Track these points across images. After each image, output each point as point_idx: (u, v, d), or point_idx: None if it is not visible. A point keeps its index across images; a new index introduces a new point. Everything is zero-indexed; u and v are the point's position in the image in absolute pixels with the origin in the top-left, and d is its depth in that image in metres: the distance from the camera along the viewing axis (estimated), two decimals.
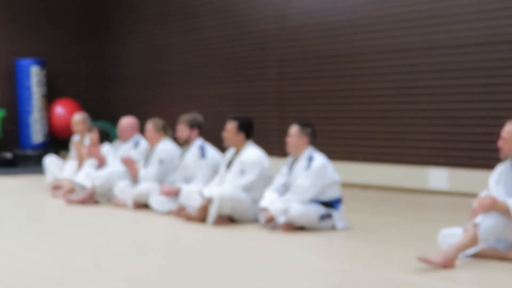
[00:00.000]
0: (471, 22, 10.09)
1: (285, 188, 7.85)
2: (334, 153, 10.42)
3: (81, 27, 16.88)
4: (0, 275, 5.91)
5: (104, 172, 10.00)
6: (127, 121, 10.40)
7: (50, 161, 11.40)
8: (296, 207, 7.50)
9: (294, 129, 7.85)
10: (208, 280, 5.67)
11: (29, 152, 15.48)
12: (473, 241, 5.88)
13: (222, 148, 9.01)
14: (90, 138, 10.77)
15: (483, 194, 6.19)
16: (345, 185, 8.39)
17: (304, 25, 12.28)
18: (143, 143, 10.10)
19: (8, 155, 15.67)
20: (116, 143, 10.48)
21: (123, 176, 9.91)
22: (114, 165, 10.10)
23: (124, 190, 9.68)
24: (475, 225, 5.88)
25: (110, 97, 16.87)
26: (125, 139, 10.34)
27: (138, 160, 9.92)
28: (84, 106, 15.59)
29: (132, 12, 16.17)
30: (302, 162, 7.76)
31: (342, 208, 7.77)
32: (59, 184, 11.07)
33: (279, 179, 7.95)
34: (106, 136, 10.76)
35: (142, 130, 10.05)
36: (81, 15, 16.89)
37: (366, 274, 5.74)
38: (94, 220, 8.95)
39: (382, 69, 11.15)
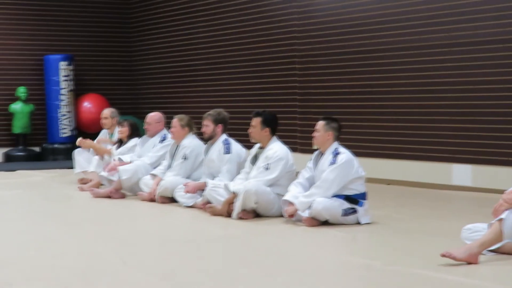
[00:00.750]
0: (495, 19, 10.09)
1: (310, 183, 7.89)
2: (358, 148, 10.45)
3: (109, 23, 17.00)
4: (27, 267, 6.02)
5: (130, 166, 10.11)
6: (153, 116, 10.51)
7: (79, 153, 11.51)
8: (320, 201, 7.55)
9: (320, 124, 7.91)
10: (231, 274, 5.74)
11: (57, 146, 15.62)
12: (498, 236, 5.85)
13: (247, 143, 9.08)
14: (118, 132, 10.91)
15: (510, 189, 6.14)
16: (369, 180, 8.42)
17: (328, 21, 12.32)
18: (170, 138, 10.20)
19: (36, 149, 15.84)
20: (144, 137, 10.58)
21: (149, 170, 10.02)
22: (141, 159, 10.22)
23: (149, 184, 9.78)
24: (500, 221, 5.88)
25: (137, 93, 16.99)
26: (152, 134, 10.43)
27: (161, 155, 10.07)
28: (111, 101, 15.71)
29: (159, 8, 16.26)
30: (327, 156, 7.81)
31: (367, 203, 7.81)
32: (86, 178, 11.20)
33: (304, 174, 7.99)
34: (137, 131, 10.89)
35: (168, 125, 10.14)
36: (109, 11, 17.01)
37: (389, 269, 5.76)
38: (120, 213, 9.04)
39: (406, 65, 11.16)
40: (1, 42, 15.86)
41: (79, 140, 11.45)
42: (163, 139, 10.32)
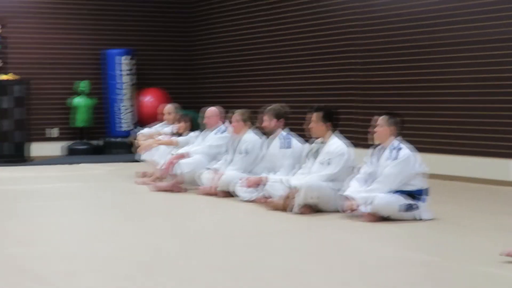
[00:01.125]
0: None
1: (370, 178, 7.88)
2: (418, 144, 10.37)
3: (170, 17, 17.12)
4: (90, 259, 6.12)
5: (191, 160, 10.19)
6: (211, 110, 10.59)
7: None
8: (381, 196, 7.54)
9: (381, 119, 7.90)
10: (290, 269, 5.76)
11: (118, 140, 15.80)
12: None
13: (307, 138, 9.08)
14: (178, 127, 11.00)
15: None
16: (430, 176, 8.37)
17: (389, 15, 12.24)
18: (228, 131, 10.28)
19: (98, 142, 16.04)
20: (204, 132, 10.66)
21: (210, 164, 10.09)
22: (198, 147, 10.37)
23: (209, 178, 9.84)
24: None
25: (198, 87, 17.09)
26: (211, 128, 10.51)
27: (219, 145, 10.19)
28: (172, 95, 15.83)
29: (221, 2, 16.33)
30: (388, 152, 7.79)
31: (428, 199, 7.77)
32: (147, 171, 11.30)
33: (365, 169, 7.98)
34: (197, 125, 11.00)
35: (228, 120, 10.20)
36: (169, 6, 17.13)
37: (449, 265, 5.74)
38: (181, 207, 9.12)
39: (466, 60, 11.05)
40: (63, 36, 16.08)
41: (140, 149, 11.36)
42: (221, 131, 10.39)
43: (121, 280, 5.41)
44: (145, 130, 11.92)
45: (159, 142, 11.09)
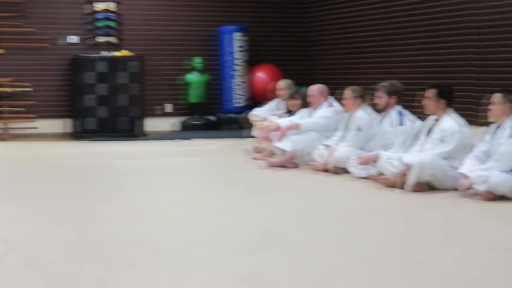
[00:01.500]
0: None
1: (486, 156, 7.77)
2: None
3: None
4: (207, 232, 6.23)
5: (304, 136, 10.23)
6: (316, 88, 10.59)
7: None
8: (498, 175, 7.42)
9: (497, 97, 7.77)
10: (402, 246, 5.75)
11: (231, 115, 15.95)
12: None
13: (420, 115, 9.00)
14: (290, 104, 11.02)
15: None
16: None
17: None
18: (336, 105, 10.29)
19: (212, 118, 16.23)
20: (308, 109, 10.67)
21: (322, 140, 10.12)
22: (308, 120, 10.43)
23: (322, 154, 9.87)
24: None
25: (310, 64, 17.08)
26: (315, 106, 10.52)
27: (330, 117, 10.23)
28: (284, 72, 15.87)
29: None
30: (505, 129, 7.66)
31: None
32: (260, 147, 11.38)
33: (481, 147, 7.87)
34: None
35: (338, 97, 10.18)
36: None
37: None
38: (293, 183, 9.17)
39: None
40: (177, 13, 16.29)
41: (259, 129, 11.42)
42: (329, 106, 10.41)
43: (238, 253, 5.51)
44: (258, 111, 11.95)
45: (282, 130, 10.47)
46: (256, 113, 11.91)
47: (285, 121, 10.51)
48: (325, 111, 10.40)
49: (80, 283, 4.77)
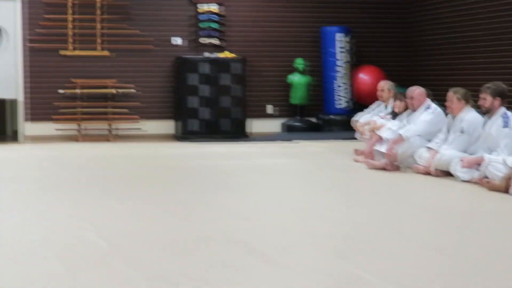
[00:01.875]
0: None
1: None
2: None
3: None
4: (304, 234, 6.24)
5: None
6: (416, 90, 10.48)
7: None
8: None
9: None
10: (506, 251, 5.64)
11: (333, 117, 15.91)
12: None
13: None
14: (394, 105, 10.92)
15: None
16: None
17: None
18: (435, 107, 10.17)
19: (313, 119, 16.22)
20: (409, 112, 10.56)
21: (424, 143, 10.00)
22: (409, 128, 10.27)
23: (424, 157, 9.75)
24: None
25: (415, 65, 16.90)
26: (416, 108, 10.40)
27: (430, 120, 10.13)
28: (388, 73, 15.75)
29: None
30: None
31: None
32: (363, 149, 11.31)
33: None
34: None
35: (440, 99, 10.06)
36: None
37: None
38: (396, 185, 9.10)
39: None
40: (281, 14, 16.34)
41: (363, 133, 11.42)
42: (428, 108, 10.29)
43: (336, 257, 5.49)
44: (362, 117, 11.86)
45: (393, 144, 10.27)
46: (358, 118, 11.86)
47: (389, 133, 10.37)
48: (425, 115, 10.25)
49: (179, 282, 4.82)
